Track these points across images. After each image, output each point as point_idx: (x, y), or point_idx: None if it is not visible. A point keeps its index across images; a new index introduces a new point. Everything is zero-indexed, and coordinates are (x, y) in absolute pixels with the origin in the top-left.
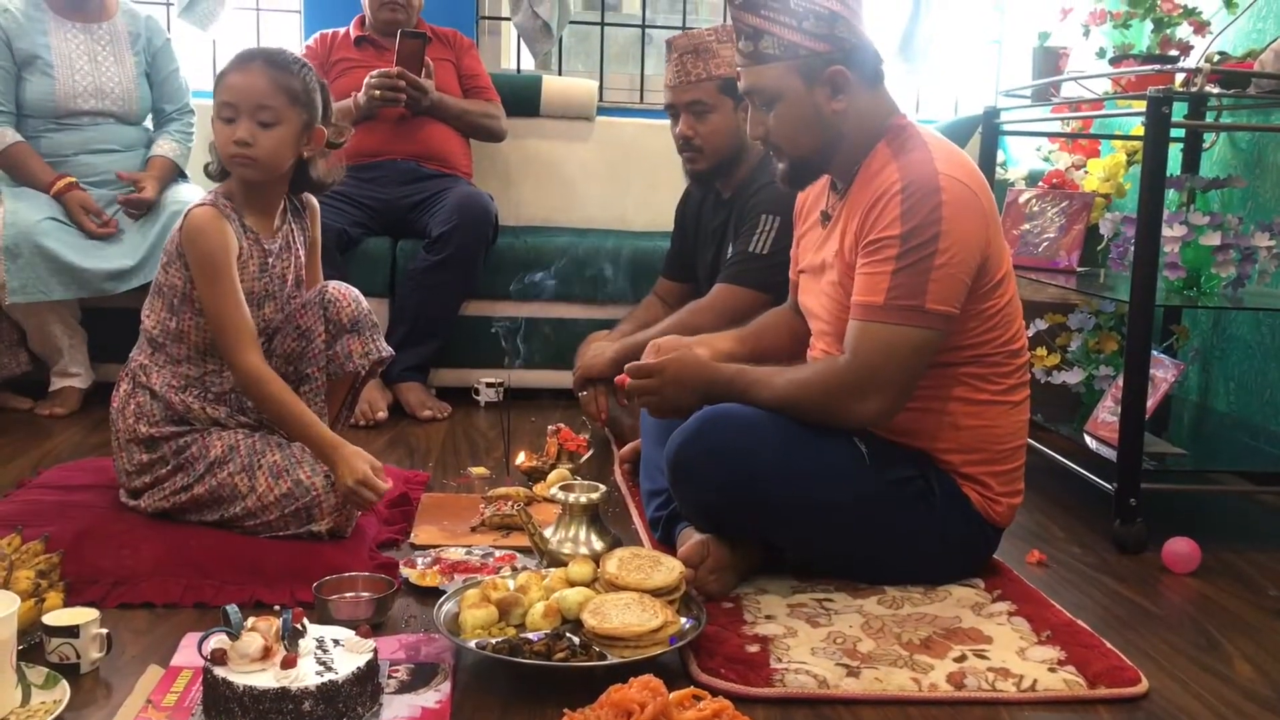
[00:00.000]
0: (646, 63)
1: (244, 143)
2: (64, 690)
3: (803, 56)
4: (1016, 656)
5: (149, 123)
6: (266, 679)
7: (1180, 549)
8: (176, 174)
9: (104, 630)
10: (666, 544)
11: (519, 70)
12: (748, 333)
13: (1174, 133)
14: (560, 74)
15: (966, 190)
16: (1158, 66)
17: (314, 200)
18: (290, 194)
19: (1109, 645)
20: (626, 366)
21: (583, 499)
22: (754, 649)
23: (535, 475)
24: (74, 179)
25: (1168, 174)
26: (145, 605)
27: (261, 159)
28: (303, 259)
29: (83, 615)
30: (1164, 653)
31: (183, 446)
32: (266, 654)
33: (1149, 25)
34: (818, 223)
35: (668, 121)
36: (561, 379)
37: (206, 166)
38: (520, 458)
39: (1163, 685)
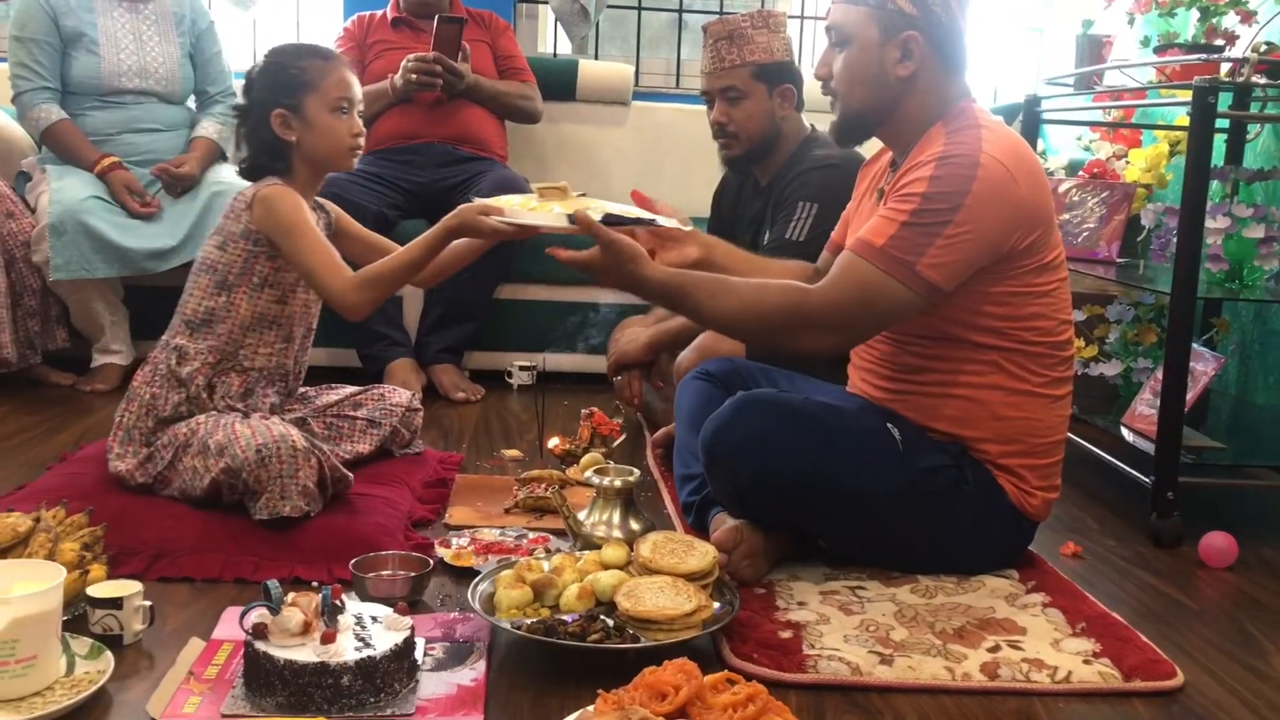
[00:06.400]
0: (683, 47)
1: (362, 134)
2: (108, 661)
3: (888, 9)
4: (1051, 648)
5: (190, 103)
6: (306, 653)
7: (1217, 543)
8: (219, 155)
9: (147, 603)
10: (699, 529)
11: (555, 54)
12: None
13: (1218, 123)
14: (596, 58)
15: (1007, 175)
16: (1203, 56)
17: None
18: None
19: (1144, 639)
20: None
21: (617, 483)
22: (787, 635)
23: (568, 459)
24: (118, 159)
25: (1211, 165)
26: (185, 579)
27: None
28: None
29: (126, 588)
30: (1199, 647)
31: (173, 438)
32: (306, 629)
33: (1194, 14)
34: (873, 197)
35: (703, 106)
36: (595, 363)
37: (248, 161)
38: (553, 441)
39: (1198, 679)
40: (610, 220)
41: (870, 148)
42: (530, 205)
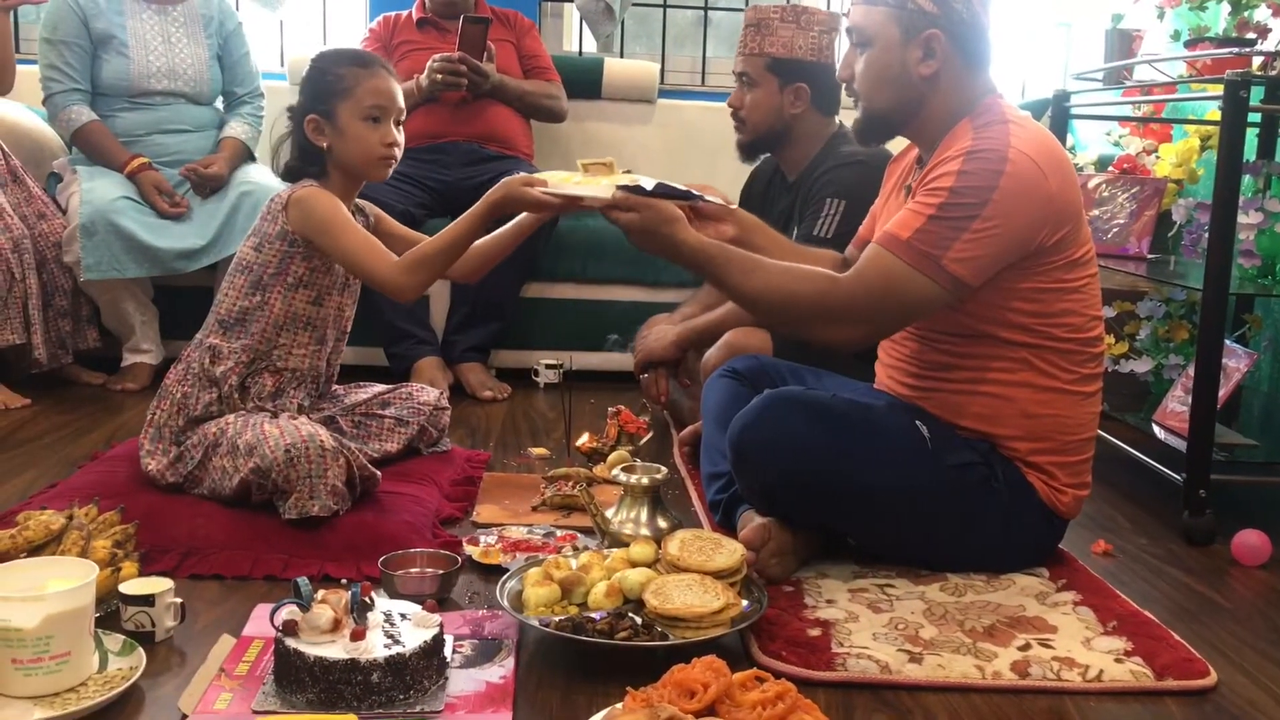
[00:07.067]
0: (708, 45)
1: (396, 144)
2: (140, 657)
3: (909, 9)
4: (1082, 646)
5: (218, 104)
6: (336, 650)
7: (1251, 541)
8: (247, 155)
9: (178, 599)
10: (727, 527)
11: (581, 52)
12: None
13: (1250, 117)
14: (621, 56)
15: (1036, 170)
16: (1235, 50)
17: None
18: None
19: (1177, 637)
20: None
21: (644, 480)
22: (815, 633)
23: (595, 457)
24: (147, 159)
25: (1244, 160)
26: (216, 577)
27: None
28: None
29: (158, 585)
30: (1233, 645)
31: (203, 437)
32: (336, 626)
33: (1225, 7)
34: (900, 194)
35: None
36: (622, 361)
37: (287, 164)
38: (582, 439)
39: (1231, 678)
40: (660, 191)
41: (897, 144)
42: (575, 180)
